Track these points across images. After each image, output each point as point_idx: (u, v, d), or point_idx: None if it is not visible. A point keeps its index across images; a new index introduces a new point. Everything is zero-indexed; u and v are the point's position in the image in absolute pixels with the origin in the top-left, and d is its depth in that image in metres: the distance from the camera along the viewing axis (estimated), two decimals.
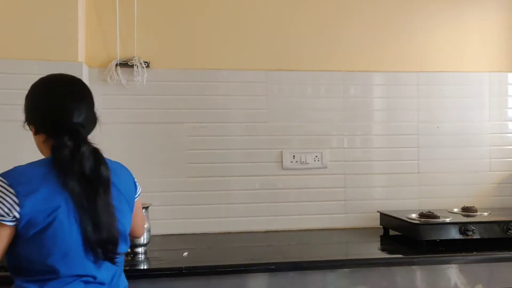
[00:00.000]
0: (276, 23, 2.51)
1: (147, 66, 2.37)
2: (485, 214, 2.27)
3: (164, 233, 2.35)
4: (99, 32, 2.36)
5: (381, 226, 2.38)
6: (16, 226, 1.19)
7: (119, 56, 2.35)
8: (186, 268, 1.72)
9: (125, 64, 2.35)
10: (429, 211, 2.17)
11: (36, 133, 1.35)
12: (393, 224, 2.27)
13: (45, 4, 2.16)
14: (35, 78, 2.10)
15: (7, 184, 1.20)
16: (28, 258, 1.22)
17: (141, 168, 2.35)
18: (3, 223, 1.18)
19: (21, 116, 2.07)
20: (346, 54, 2.56)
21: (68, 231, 1.21)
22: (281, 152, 2.48)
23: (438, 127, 2.60)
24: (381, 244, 2.26)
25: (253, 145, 2.46)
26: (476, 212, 2.28)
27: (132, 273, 1.71)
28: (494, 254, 1.96)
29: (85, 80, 2.25)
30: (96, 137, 2.29)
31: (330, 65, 2.54)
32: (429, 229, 2.04)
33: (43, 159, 1.32)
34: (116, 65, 2.34)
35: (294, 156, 2.49)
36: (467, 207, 2.34)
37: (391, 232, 2.33)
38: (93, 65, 2.34)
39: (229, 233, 2.41)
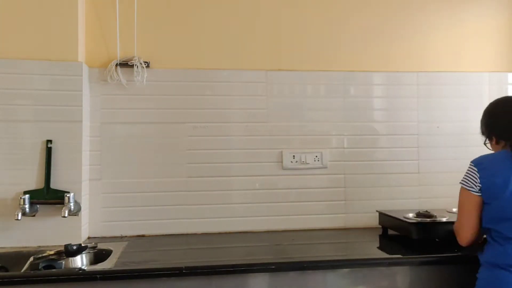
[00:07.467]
0: (277, 24, 2.51)
1: (147, 66, 2.37)
2: None
3: (164, 233, 2.36)
4: (99, 32, 2.36)
5: (381, 226, 2.38)
6: (480, 195, 1.67)
7: (119, 56, 2.35)
8: (186, 268, 1.72)
9: (125, 64, 2.35)
10: (426, 211, 2.17)
11: (496, 142, 1.78)
12: (391, 223, 2.27)
13: (45, 4, 2.17)
14: (35, 78, 2.15)
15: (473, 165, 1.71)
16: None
17: (141, 168, 2.37)
18: (471, 193, 1.68)
19: (20, 115, 2.12)
20: (346, 54, 2.56)
21: None
22: (281, 152, 2.48)
23: (438, 127, 2.60)
24: (380, 244, 2.26)
25: (253, 145, 2.46)
26: None
27: (132, 273, 1.72)
28: None
29: (85, 80, 2.26)
30: (96, 137, 2.32)
31: (330, 65, 2.54)
32: (425, 228, 2.05)
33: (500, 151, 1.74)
34: (116, 65, 2.34)
35: (294, 156, 2.49)
36: None
37: (390, 232, 2.33)
38: (93, 65, 2.34)
39: (229, 233, 2.42)
